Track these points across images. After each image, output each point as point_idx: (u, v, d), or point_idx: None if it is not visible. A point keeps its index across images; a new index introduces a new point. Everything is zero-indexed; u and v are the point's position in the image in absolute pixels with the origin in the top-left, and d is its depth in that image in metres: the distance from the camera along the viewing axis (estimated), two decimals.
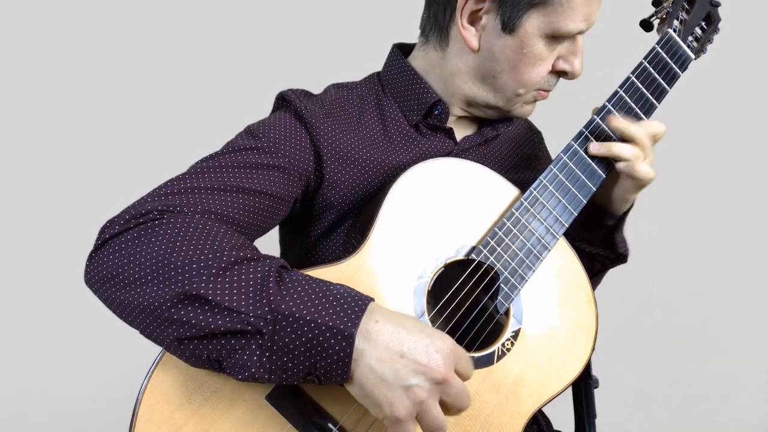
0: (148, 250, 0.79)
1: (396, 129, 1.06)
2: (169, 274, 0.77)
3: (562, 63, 1.04)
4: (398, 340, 0.77)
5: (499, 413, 0.92)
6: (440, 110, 1.07)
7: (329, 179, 1.00)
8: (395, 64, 1.10)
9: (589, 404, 1.05)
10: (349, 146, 1.02)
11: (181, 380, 0.82)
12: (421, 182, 0.95)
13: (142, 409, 0.81)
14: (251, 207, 0.92)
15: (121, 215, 0.84)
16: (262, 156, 0.95)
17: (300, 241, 1.06)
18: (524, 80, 1.03)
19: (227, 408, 0.83)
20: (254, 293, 0.77)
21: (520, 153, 1.18)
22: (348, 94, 1.09)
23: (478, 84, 1.05)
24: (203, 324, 0.76)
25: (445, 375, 0.76)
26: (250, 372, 0.77)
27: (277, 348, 0.76)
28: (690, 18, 1.12)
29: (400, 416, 0.76)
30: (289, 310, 0.76)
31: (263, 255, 0.83)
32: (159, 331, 0.78)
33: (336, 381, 0.78)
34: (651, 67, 1.05)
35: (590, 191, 1.01)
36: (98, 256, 0.82)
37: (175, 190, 0.88)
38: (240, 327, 0.76)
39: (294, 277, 0.80)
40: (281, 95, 1.06)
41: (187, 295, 0.76)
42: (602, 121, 1.02)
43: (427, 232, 0.94)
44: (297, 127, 1.00)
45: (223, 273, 0.78)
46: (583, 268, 1.00)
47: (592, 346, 0.98)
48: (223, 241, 0.81)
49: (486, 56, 1.02)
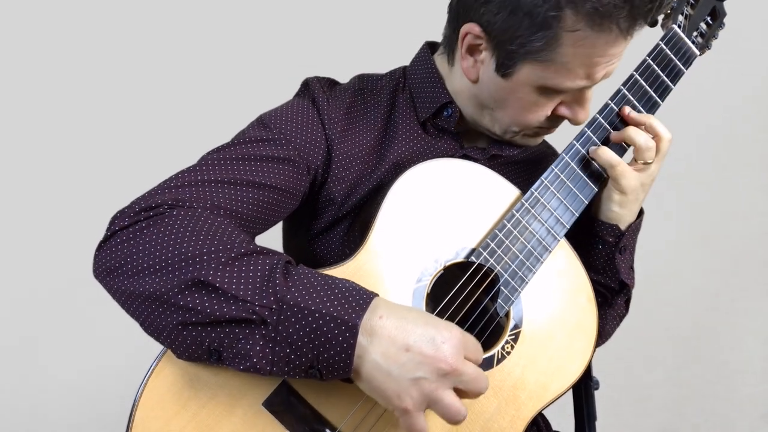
0: (157, 240, 0.79)
1: (404, 125, 1.04)
2: (179, 264, 0.77)
3: (564, 109, 0.99)
4: (403, 333, 0.77)
5: (499, 417, 0.91)
6: (450, 112, 1.04)
7: (335, 174, 0.99)
8: (421, 60, 1.09)
9: (590, 406, 1.04)
10: (359, 143, 1.01)
11: (177, 387, 0.81)
12: (421, 183, 0.94)
13: (138, 416, 0.80)
14: (260, 201, 0.91)
15: (131, 207, 0.84)
16: (273, 148, 0.94)
17: (301, 234, 1.05)
18: (519, 122, 1.00)
19: (224, 414, 0.82)
20: (261, 283, 0.77)
21: (533, 173, 1.09)
22: (371, 85, 1.07)
23: (477, 110, 1.03)
24: (209, 310, 0.76)
25: (453, 365, 0.76)
26: (252, 362, 0.76)
27: (280, 338, 0.76)
28: (695, 13, 1.10)
29: (408, 408, 0.76)
30: (294, 300, 0.76)
31: (271, 251, 0.83)
32: (161, 318, 0.78)
33: (338, 375, 0.77)
34: (655, 64, 1.03)
35: (592, 191, 1.00)
36: (107, 246, 0.82)
37: (185, 182, 0.87)
38: (245, 315, 0.75)
39: (301, 271, 0.80)
40: (306, 82, 1.05)
41: (196, 281, 0.76)
42: (605, 120, 1.00)
43: (427, 234, 0.92)
44: (313, 117, 0.99)
45: (232, 262, 0.78)
46: (585, 270, 0.99)
47: (593, 347, 0.98)
48: (231, 235, 0.81)
49: (483, 88, 0.99)
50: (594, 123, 1.00)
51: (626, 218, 1.02)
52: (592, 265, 1.05)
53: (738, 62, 1.71)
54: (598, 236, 1.03)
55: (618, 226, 1.02)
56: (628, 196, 1.00)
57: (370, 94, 1.06)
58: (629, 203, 1.01)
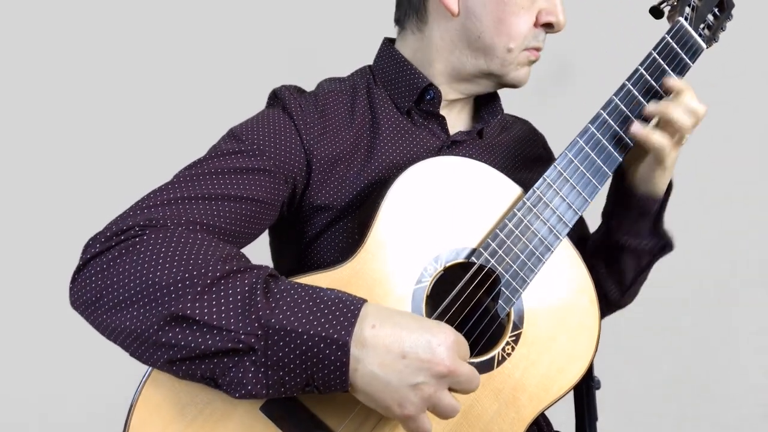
0: (130, 270, 0.77)
1: (386, 119, 1.04)
2: (154, 296, 0.75)
3: (546, 15, 1.03)
4: (398, 340, 0.76)
5: (499, 420, 0.90)
6: (432, 95, 1.05)
7: (317, 180, 0.97)
8: (385, 54, 1.10)
9: (591, 406, 1.04)
10: (339, 144, 0.99)
11: (173, 393, 0.80)
12: (420, 182, 0.92)
13: (133, 423, 0.79)
14: (237, 214, 0.89)
15: (103, 232, 0.82)
16: (246, 159, 0.92)
17: (292, 245, 1.03)
18: (511, 32, 1.02)
19: (221, 420, 0.81)
20: (242, 308, 0.75)
21: (520, 154, 1.16)
22: (340, 86, 1.07)
23: (466, 51, 1.04)
24: (193, 345, 0.74)
25: (450, 367, 0.76)
26: (247, 390, 0.75)
27: (271, 363, 0.74)
28: (702, 4, 1.07)
29: (411, 414, 0.76)
30: (279, 324, 0.74)
31: (250, 265, 0.80)
32: (149, 354, 0.77)
33: (336, 390, 0.77)
34: (660, 58, 1.01)
35: (595, 189, 0.98)
36: (81, 278, 0.80)
37: (157, 201, 0.85)
38: (231, 345, 0.74)
39: (282, 287, 0.78)
40: (274, 92, 1.04)
41: (174, 316, 0.74)
42: (609, 116, 0.98)
43: (427, 234, 0.91)
44: (287, 125, 0.98)
45: (209, 290, 0.75)
46: (587, 270, 0.98)
47: (594, 348, 0.96)
48: (207, 254, 0.78)
49: (468, 17, 1.02)
50: (598, 119, 0.98)
51: (664, 187, 1.05)
52: (638, 232, 1.08)
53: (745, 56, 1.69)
54: (643, 210, 1.05)
55: (659, 197, 1.05)
56: (669, 170, 1.02)
57: (341, 94, 1.05)
58: (668, 170, 1.02)
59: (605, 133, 0.98)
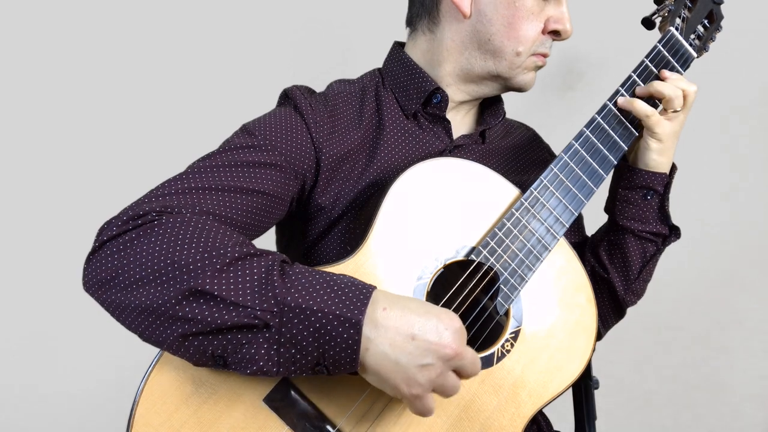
0: (148, 250, 0.79)
1: (391, 121, 1.07)
2: (172, 273, 0.77)
3: (554, 23, 1.06)
4: (408, 323, 0.78)
5: (499, 415, 0.91)
6: (439, 98, 1.07)
7: (324, 178, 1.00)
8: (394, 57, 1.13)
9: (589, 405, 1.04)
10: (346, 144, 1.02)
11: (178, 382, 0.82)
12: (421, 182, 0.94)
13: (139, 411, 0.80)
14: (248, 207, 0.92)
15: (119, 216, 0.84)
16: (259, 154, 0.95)
17: (297, 243, 1.05)
18: (521, 36, 1.04)
19: (225, 409, 0.82)
20: (260, 287, 0.77)
21: (522, 158, 1.18)
22: (350, 87, 1.10)
23: (475, 52, 1.07)
24: (209, 319, 0.76)
25: (456, 350, 0.79)
26: (258, 366, 0.77)
27: (285, 340, 0.76)
28: (692, 16, 1.11)
29: (419, 394, 0.78)
30: (295, 302, 0.76)
31: (265, 251, 0.83)
32: (161, 330, 0.78)
33: (345, 370, 0.78)
34: (653, 65, 1.04)
35: (591, 191, 1.00)
36: (96, 258, 0.81)
37: (172, 190, 0.87)
38: (247, 321, 0.76)
39: (297, 270, 0.80)
40: (285, 92, 1.06)
41: (193, 291, 0.76)
42: (604, 120, 1.01)
43: (427, 233, 0.93)
44: (298, 123, 1.00)
45: (227, 268, 0.78)
46: (584, 269, 1.00)
47: (592, 346, 0.98)
48: (224, 238, 0.81)
49: (479, 20, 1.05)
50: (592, 124, 1.01)
51: (666, 166, 1.07)
52: (644, 216, 1.09)
53: (736, 64, 1.72)
54: (648, 187, 1.07)
55: (664, 173, 1.07)
56: (664, 144, 1.04)
57: (350, 96, 1.08)
58: (666, 150, 1.05)
59: (600, 136, 1.01)
